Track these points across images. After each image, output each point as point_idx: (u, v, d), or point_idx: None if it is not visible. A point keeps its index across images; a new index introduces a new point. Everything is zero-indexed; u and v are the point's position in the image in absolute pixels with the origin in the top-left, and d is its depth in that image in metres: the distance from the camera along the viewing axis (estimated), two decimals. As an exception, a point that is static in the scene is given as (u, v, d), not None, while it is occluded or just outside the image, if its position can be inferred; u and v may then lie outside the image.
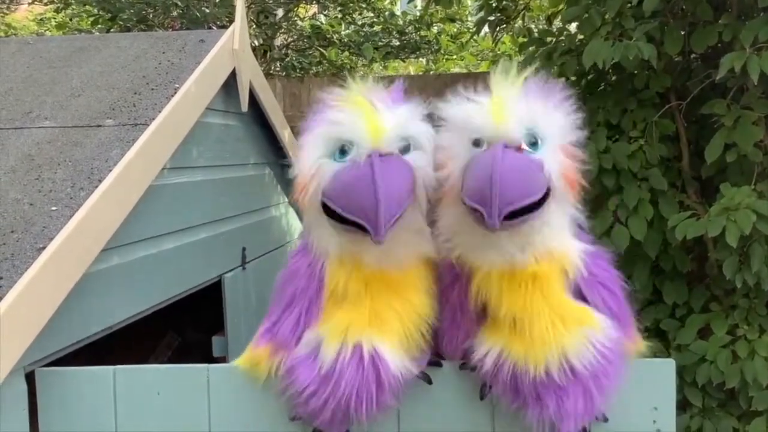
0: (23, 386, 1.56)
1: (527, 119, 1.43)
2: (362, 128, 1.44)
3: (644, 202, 2.82)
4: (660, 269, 2.97)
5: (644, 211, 2.80)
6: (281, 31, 6.66)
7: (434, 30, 7.35)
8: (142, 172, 2.00)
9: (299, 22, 7.03)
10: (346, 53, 7.06)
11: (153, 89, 2.30)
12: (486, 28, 4.06)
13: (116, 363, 1.70)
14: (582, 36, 3.14)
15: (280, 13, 6.47)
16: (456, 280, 1.55)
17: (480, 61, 8.28)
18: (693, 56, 3.12)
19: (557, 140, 1.46)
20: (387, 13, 7.11)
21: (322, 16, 7.35)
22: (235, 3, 2.77)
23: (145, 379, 1.67)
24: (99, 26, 6.05)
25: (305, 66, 6.64)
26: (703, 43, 2.80)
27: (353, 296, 1.51)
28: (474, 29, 4.38)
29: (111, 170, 1.87)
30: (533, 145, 1.43)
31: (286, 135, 3.27)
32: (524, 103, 1.45)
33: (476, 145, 1.44)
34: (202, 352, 2.81)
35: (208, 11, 5.67)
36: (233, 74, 2.66)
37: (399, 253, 1.51)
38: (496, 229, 1.32)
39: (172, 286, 2.25)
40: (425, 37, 7.09)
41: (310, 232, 1.57)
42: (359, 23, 7.12)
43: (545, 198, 1.40)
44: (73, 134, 2.08)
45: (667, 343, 2.92)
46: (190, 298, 2.40)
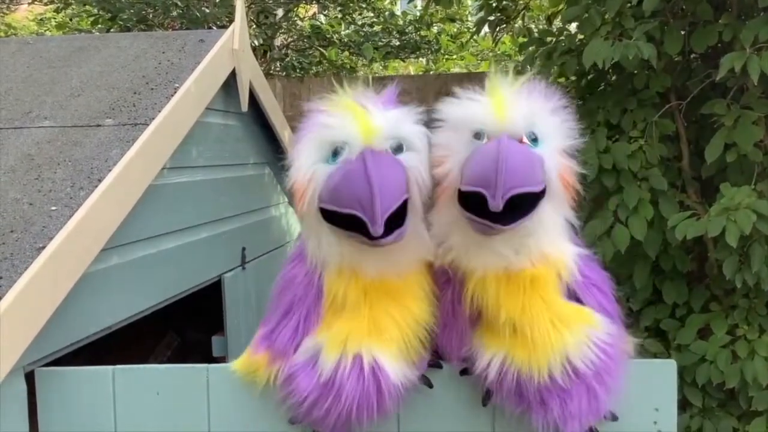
0: (23, 386, 1.56)
1: (529, 116, 1.43)
2: (353, 127, 1.43)
3: (644, 202, 2.81)
4: (660, 269, 2.96)
5: (644, 211, 2.80)
6: (281, 31, 6.67)
7: (434, 30, 7.35)
8: (141, 171, 2.00)
9: (299, 22, 7.04)
10: (346, 53, 7.06)
11: (153, 89, 2.30)
12: (486, 28, 4.06)
13: (115, 363, 1.70)
14: (582, 36, 3.14)
15: (280, 13, 6.48)
16: (448, 284, 1.54)
17: (480, 61, 8.29)
18: (693, 56, 3.12)
19: (556, 141, 1.46)
20: (387, 13, 7.12)
21: (322, 16, 7.35)
22: (235, 3, 2.77)
23: (144, 379, 1.67)
24: (99, 26, 6.05)
25: (305, 66, 6.65)
26: (703, 43, 2.80)
27: (352, 305, 1.49)
28: (474, 29, 4.37)
29: (111, 170, 1.87)
30: (533, 141, 1.43)
31: (286, 135, 3.26)
32: (526, 101, 1.45)
33: (477, 137, 1.42)
34: (202, 352, 2.81)
35: (207, 11, 5.68)
36: (233, 74, 2.66)
37: (398, 260, 1.49)
38: (499, 209, 1.30)
39: (172, 286, 2.24)
40: (425, 37, 7.09)
41: (308, 241, 1.55)
42: (359, 23, 7.13)
43: (542, 194, 1.40)
44: (73, 134, 2.08)
45: (667, 343, 2.92)
46: (190, 298, 2.40)
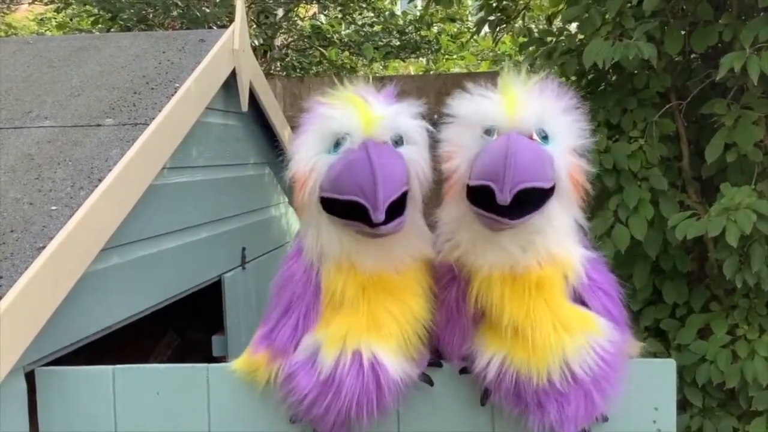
0: (23, 385, 1.56)
1: (540, 114, 1.43)
2: (355, 119, 1.44)
3: (644, 201, 2.81)
4: (660, 269, 2.96)
5: (644, 211, 2.80)
6: (281, 31, 6.67)
7: (434, 30, 7.35)
8: (142, 171, 2.00)
9: (299, 22, 7.04)
10: (347, 53, 7.06)
11: (153, 89, 2.30)
12: (486, 28, 4.06)
13: (115, 362, 1.70)
14: (582, 36, 3.14)
15: (280, 13, 6.48)
16: (453, 282, 1.54)
17: (480, 60, 8.29)
18: (693, 56, 3.12)
19: (566, 140, 1.47)
20: (387, 13, 7.12)
21: (322, 16, 7.35)
22: (235, 3, 2.77)
23: (144, 378, 1.67)
24: (99, 26, 6.05)
25: (305, 66, 6.65)
26: (703, 43, 2.80)
27: (350, 301, 1.50)
28: (474, 29, 4.38)
29: (111, 170, 1.87)
30: (544, 139, 1.43)
31: (286, 135, 3.26)
32: (538, 99, 1.45)
33: (488, 134, 1.43)
34: (202, 352, 2.81)
35: (208, 11, 5.68)
36: (233, 74, 2.66)
37: (397, 253, 1.50)
38: (506, 202, 1.30)
39: (172, 286, 2.24)
40: (425, 36, 7.09)
41: (307, 234, 1.55)
42: (359, 23, 7.13)
43: (551, 191, 1.40)
44: (73, 134, 2.08)
45: (667, 343, 2.92)
46: (190, 298, 2.40)
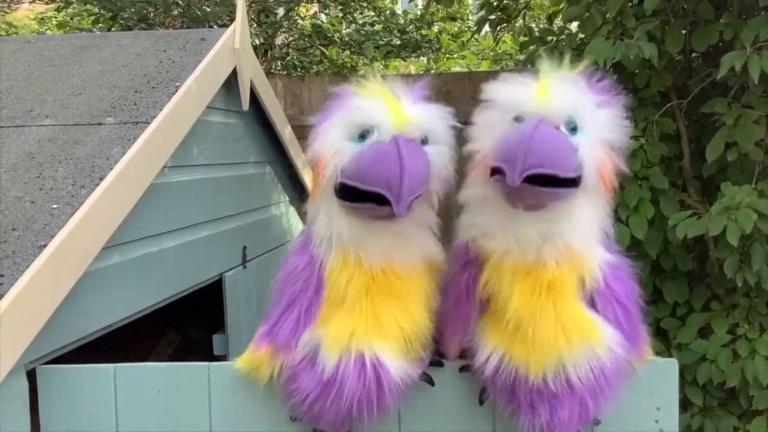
0: (24, 383, 1.56)
1: (570, 105, 1.43)
2: (385, 113, 1.46)
3: (645, 201, 2.81)
4: (661, 268, 2.97)
5: (645, 210, 2.80)
6: (282, 30, 6.66)
7: (435, 29, 7.34)
8: (143, 170, 2.00)
9: (300, 21, 7.03)
10: (347, 52, 7.05)
11: (154, 87, 2.30)
12: (487, 27, 4.06)
13: (117, 361, 1.70)
14: (583, 35, 3.14)
15: (280, 12, 6.47)
16: (467, 266, 1.55)
17: (481, 60, 8.28)
18: (694, 55, 3.12)
19: (597, 134, 1.45)
20: (388, 12, 7.11)
21: (322, 15, 7.35)
22: (236, 2, 2.77)
23: (145, 377, 1.67)
24: (100, 25, 6.04)
25: (306, 65, 6.64)
26: (704, 42, 2.80)
27: (352, 300, 1.50)
28: (475, 28, 4.38)
29: (112, 168, 1.87)
30: (572, 130, 1.43)
31: (286, 134, 3.26)
32: (572, 90, 1.45)
33: (517, 120, 1.43)
34: (203, 351, 2.82)
35: (208, 10, 5.67)
36: (234, 73, 2.66)
37: (405, 246, 1.51)
38: (516, 184, 1.30)
39: (173, 285, 2.25)
40: (426, 36, 7.08)
41: (317, 218, 1.55)
42: (360, 22, 7.12)
43: (574, 184, 1.39)
44: (74, 132, 2.08)
45: (667, 342, 2.92)
46: (191, 297, 2.40)
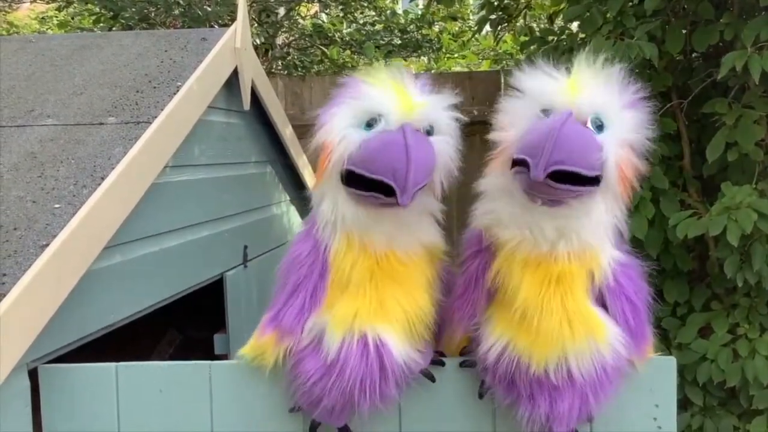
0: (26, 383, 1.57)
1: (599, 102, 1.44)
2: (393, 101, 1.47)
3: (645, 200, 2.82)
4: (661, 268, 2.97)
5: (645, 210, 2.81)
6: (283, 30, 6.66)
7: (436, 29, 7.35)
8: (144, 169, 2.00)
9: (301, 20, 7.03)
10: (348, 52, 7.06)
11: (155, 87, 2.30)
12: (488, 27, 4.06)
13: (118, 360, 1.70)
14: (583, 35, 3.15)
15: (281, 11, 6.47)
16: (479, 253, 1.56)
17: (481, 59, 8.28)
18: (694, 55, 3.12)
19: (622, 134, 1.46)
20: (388, 12, 7.12)
21: (323, 14, 7.35)
22: (237, 2, 2.77)
23: (147, 376, 1.68)
24: (101, 25, 6.05)
25: (307, 65, 6.65)
26: (704, 42, 2.80)
27: (356, 284, 1.52)
28: (475, 28, 4.38)
29: (113, 168, 1.87)
30: (599, 128, 1.43)
31: (287, 133, 3.27)
32: (602, 88, 1.46)
33: (544, 113, 1.44)
34: (204, 350, 2.82)
35: (209, 10, 5.68)
36: (235, 73, 2.66)
37: (408, 234, 1.53)
38: (539, 179, 1.31)
39: (174, 284, 2.25)
40: (427, 35, 7.09)
41: (322, 203, 1.56)
42: (361, 22, 7.13)
43: (595, 182, 1.40)
44: (76, 132, 2.09)
45: (668, 342, 2.92)
46: (192, 296, 2.40)
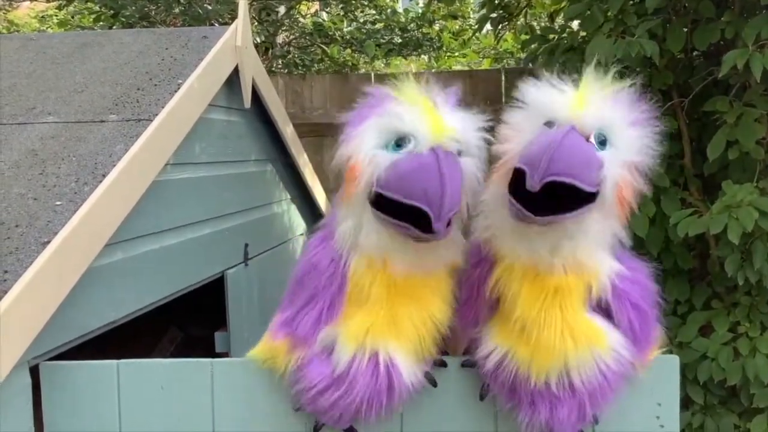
0: (27, 380, 1.57)
1: (604, 118, 1.40)
2: (424, 122, 1.41)
3: (646, 199, 2.80)
4: (662, 267, 2.97)
5: (646, 209, 2.80)
6: (283, 29, 6.66)
7: (436, 27, 7.34)
8: (145, 167, 2.00)
9: (301, 19, 7.02)
10: (348, 50, 7.06)
11: (156, 85, 2.30)
12: (488, 26, 4.06)
13: (119, 358, 1.70)
14: (584, 33, 3.15)
15: (282, 10, 6.47)
16: (480, 263, 1.54)
17: (482, 58, 8.28)
18: (695, 53, 3.12)
19: (624, 154, 1.42)
20: (389, 11, 7.11)
21: (324, 13, 7.34)
22: (238, 0, 2.77)
23: (148, 373, 1.68)
24: (101, 23, 6.05)
25: (307, 63, 6.64)
26: (705, 41, 2.80)
27: (375, 299, 1.49)
28: (476, 26, 4.38)
29: (115, 165, 1.87)
30: (601, 144, 1.40)
31: (288, 132, 3.27)
32: (609, 104, 1.42)
33: (548, 125, 1.40)
34: (205, 348, 2.82)
35: (210, 8, 5.68)
36: (236, 71, 2.66)
37: (430, 260, 1.49)
38: (535, 188, 1.29)
39: (175, 282, 2.25)
40: (427, 34, 7.08)
41: (344, 224, 1.52)
42: (361, 20, 7.12)
43: (591, 199, 1.36)
44: (77, 129, 2.09)
45: (668, 341, 2.92)
46: (193, 294, 2.40)
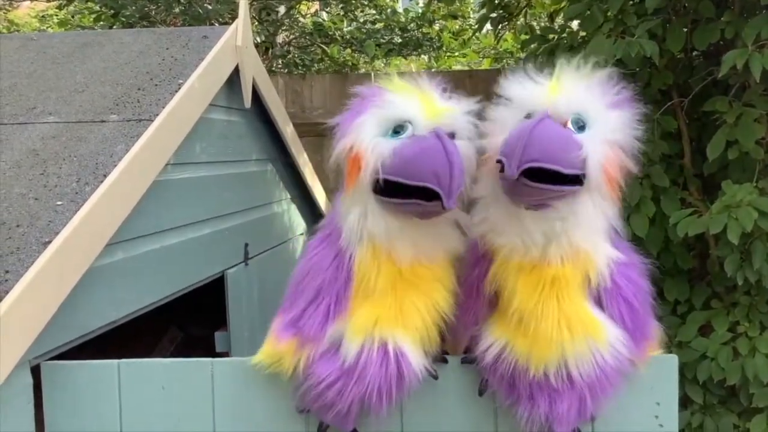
0: (28, 379, 1.57)
1: (579, 103, 1.43)
2: (419, 107, 1.46)
3: (646, 199, 2.82)
4: (661, 266, 2.97)
5: (646, 209, 2.81)
6: (283, 28, 6.66)
7: (436, 27, 7.34)
8: (146, 167, 2.00)
9: (301, 19, 7.03)
10: (348, 50, 7.06)
11: (157, 85, 2.31)
12: (488, 26, 4.06)
13: (120, 357, 1.71)
14: (584, 33, 3.15)
15: (282, 10, 6.47)
16: (477, 263, 1.56)
17: (482, 58, 8.28)
18: (695, 53, 3.12)
19: (605, 134, 1.44)
20: (389, 10, 7.11)
21: (324, 13, 7.34)
22: (238, 0, 2.78)
23: (149, 372, 1.68)
24: (101, 23, 6.05)
25: (307, 63, 6.65)
26: (705, 41, 2.80)
27: (381, 292, 1.50)
28: (476, 26, 4.38)
29: (116, 165, 1.88)
30: (580, 128, 1.43)
31: (288, 131, 3.27)
32: (584, 90, 1.45)
33: (527, 118, 1.43)
34: (205, 348, 2.82)
35: (210, 8, 5.68)
36: (236, 71, 2.66)
37: (433, 243, 1.52)
38: (513, 177, 1.31)
39: (176, 281, 2.25)
40: (427, 34, 7.08)
41: (349, 214, 1.52)
42: (361, 20, 7.12)
43: (577, 182, 1.39)
44: (78, 129, 2.09)
45: (668, 341, 2.92)
46: (193, 294, 2.41)
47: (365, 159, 1.45)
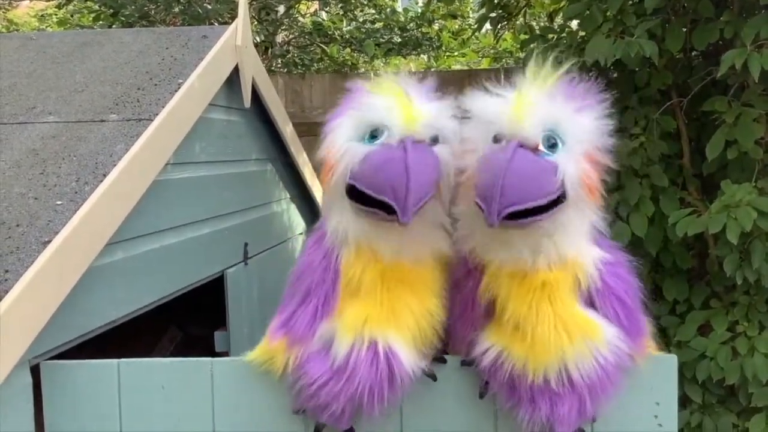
0: (28, 379, 1.57)
1: (549, 120, 1.41)
2: (396, 113, 1.44)
3: (645, 199, 2.82)
4: (660, 266, 2.98)
5: (645, 208, 2.81)
6: (283, 28, 6.66)
7: (436, 27, 7.34)
8: (146, 167, 2.01)
9: (301, 18, 7.02)
10: (348, 50, 7.06)
11: (156, 84, 2.31)
12: (488, 25, 4.06)
13: (120, 357, 1.71)
14: (583, 33, 3.15)
15: (281, 9, 6.47)
16: (470, 274, 1.55)
17: (481, 57, 8.28)
18: (694, 53, 3.12)
19: (580, 145, 1.43)
20: (388, 10, 7.11)
21: (323, 12, 7.34)
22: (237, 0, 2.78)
23: (149, 372, 1.68)
24: (100, 22, 6.05)
25: (306, 63, 6.64)
26: (704, 40, 2.80)
27: (369, 288, 1.50)
28: (475, 26, 4.38)
29: (115, 165, 1.88)
30: (552, 146, 1.40)
31: (287, 131, 3.27)
32: (549, 102, 1.42)
33: (496, 141, 1.42)
34: (204, 347, 2.82)
35: (209, 8, 5.68)
36: (236, 70, 2.67)
37: (416, 245, 1.51)
38: (495, 226, 1.32)
39: (175, 281, 2.26)
40: (427, 33, 7.08)
41: (329, 216, 1.55)
42: (361, 20, 7.12)
43: (556, 203, 1.38)
44: (77, 129, 2.09)
45: (667, 340, 2.93)
46: (192, 294, 2.41)
47: (336, 163, 1.46)
